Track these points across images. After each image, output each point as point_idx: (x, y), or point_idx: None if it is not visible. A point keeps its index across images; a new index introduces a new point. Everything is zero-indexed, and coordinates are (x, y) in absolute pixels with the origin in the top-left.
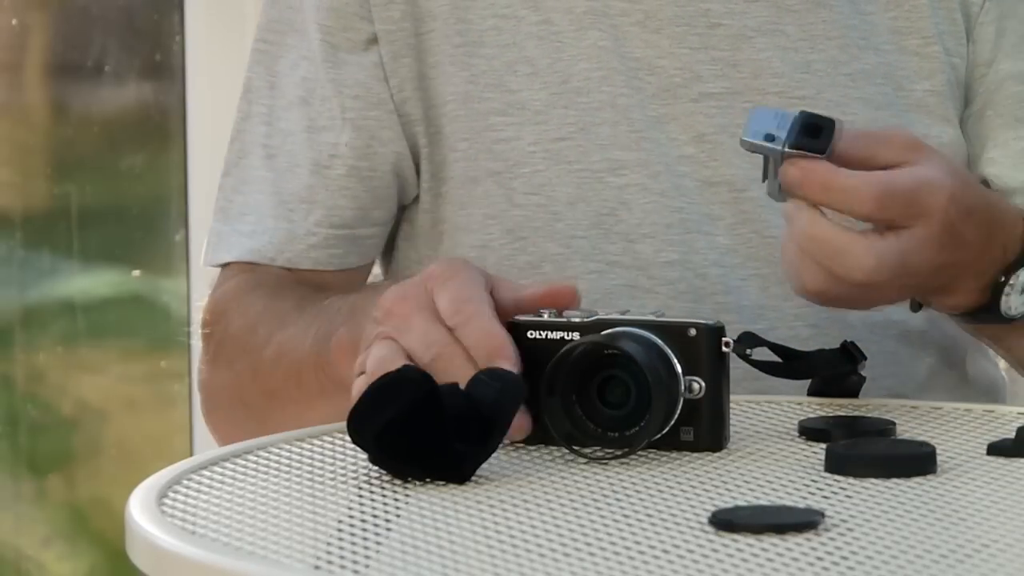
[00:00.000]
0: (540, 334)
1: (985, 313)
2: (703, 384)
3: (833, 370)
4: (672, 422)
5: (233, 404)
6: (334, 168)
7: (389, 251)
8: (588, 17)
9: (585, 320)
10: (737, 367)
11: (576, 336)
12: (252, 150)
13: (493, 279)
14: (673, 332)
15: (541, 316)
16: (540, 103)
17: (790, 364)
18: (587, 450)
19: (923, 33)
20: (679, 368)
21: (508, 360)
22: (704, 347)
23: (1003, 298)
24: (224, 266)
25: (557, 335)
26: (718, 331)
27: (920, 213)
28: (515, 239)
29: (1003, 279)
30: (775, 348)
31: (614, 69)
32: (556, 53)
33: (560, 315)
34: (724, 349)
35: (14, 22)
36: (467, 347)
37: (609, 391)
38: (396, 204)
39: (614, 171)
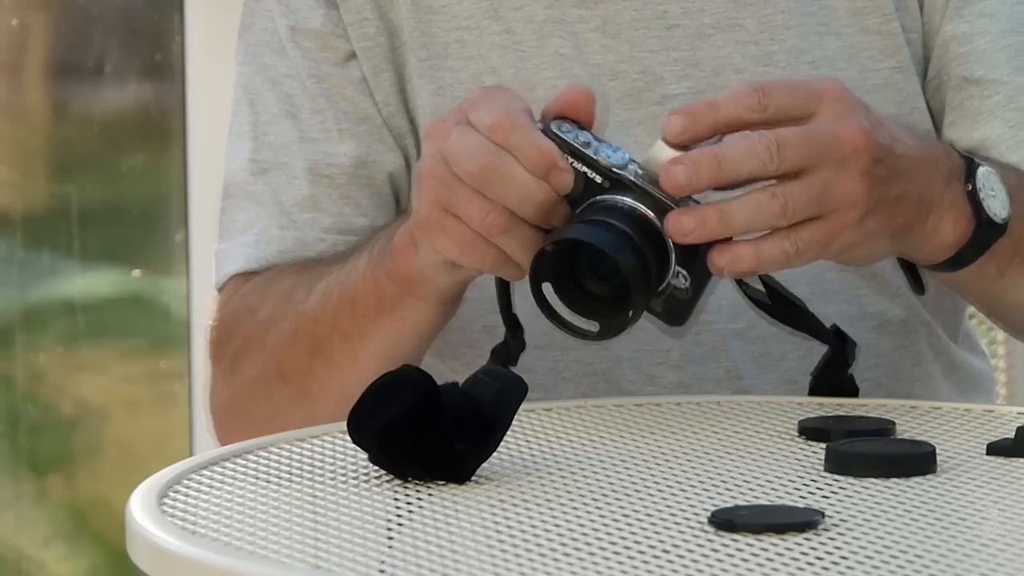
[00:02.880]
0: (567, 160)
1: (983, 236)
2: (688, 281)
3: (819, 337)
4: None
5: (269, 390)
6: (335, 177)
7: None
8: (548, 25)
9: (613, 171)
10: (730, 367)
11: (598, 179)
12: (243, 166)
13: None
14: None
15: (576, 141)
16: None
17: (777, 306)
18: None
19: (883, 11)
20: (673, 258)
21: (564, 171)
22: (704, 253)
23: (984, 205)
24: (226, 284)
25: (583, 168)
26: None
27: (814, 95)
28: None
29: (970, 187)
30: (768, 284)
31: (577, 76)
32: (520, 63)
33: (591, 146)
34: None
35: (14, 22)
36: (516, 157)
37: (598, 272)
38: (393, 213)
39: None
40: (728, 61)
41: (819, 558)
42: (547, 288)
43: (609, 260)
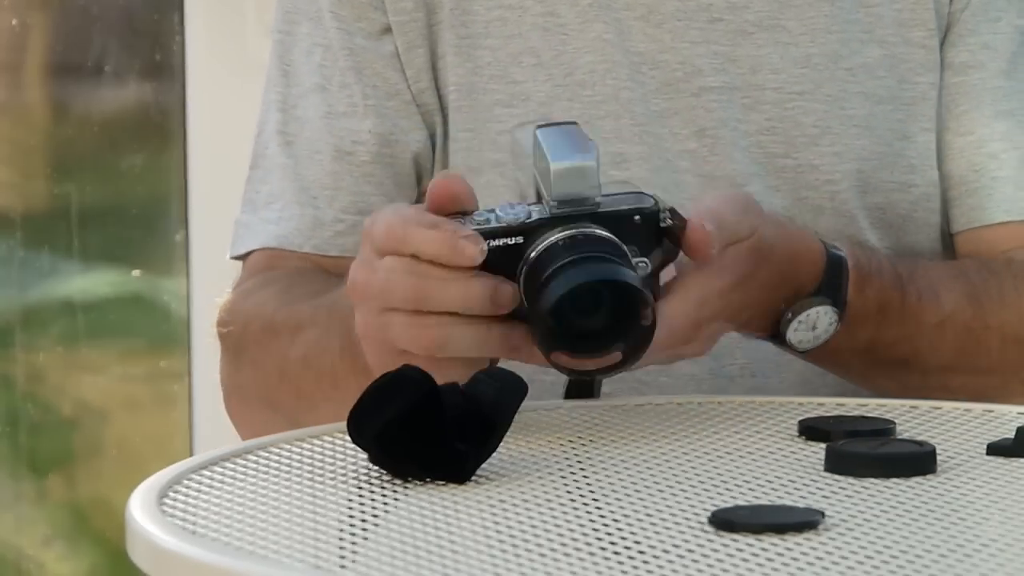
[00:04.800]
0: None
1: (780, 343)
2: (648, 265)
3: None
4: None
5: (260, 404)
6: (358, 155)
7: None
8: (593, 10)
9: (527, 222)
10: (744, 364)
11: (520, 240)
12: (272, 138)
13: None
14: (617, 219)
15: (474, 222)
16: (544, 95)
17: None
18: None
19: (927, 25)
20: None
21: (474, 245)
22: (647, 231)
23: (790, 332)
24: (246, 257)
25: (500, 242)
26: (655, 213)
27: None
28: None
29: (789, 315)
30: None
31: (617, 63)
32: (561, 45)
33: (490, 220)
34: (663, 225)
35: (14, 22)
36: (422, 255)
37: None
38: (416, 193)
39: (617, 164)
40: (766, 60)
41: (819, 558)
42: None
43: (592, 292)
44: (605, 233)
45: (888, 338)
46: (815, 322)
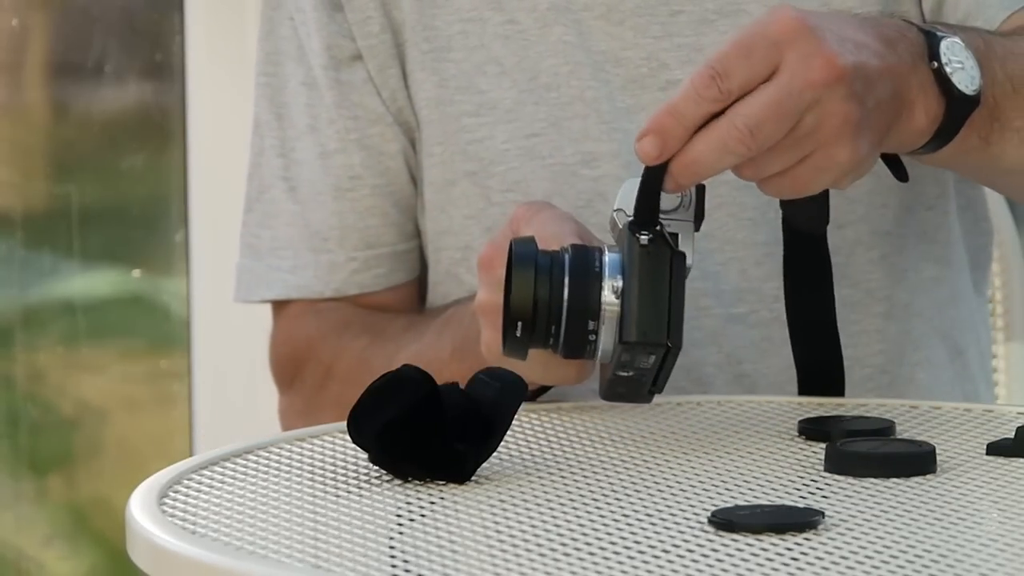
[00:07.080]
0: None
1: (956, 111)
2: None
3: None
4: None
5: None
6: (357, 190)
7: None
8: (552, 14)
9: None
10: (731, 352)
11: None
12: (273, 183)
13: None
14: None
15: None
16: (510, 101)
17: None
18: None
19: None
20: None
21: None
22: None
23: (953, 80)
24: (275, 303)
25: None
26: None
27: (772, 49)
28: None
29: (935, 65)
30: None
31: (580, 63)
32: (523, 51)
33: None
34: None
35: (14, 22)
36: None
37: None
38: (415, 204)
39: (587, 163)
40: None
41: (819, 558)
42: None
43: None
44: (596, 247)
45: (1006, 84)
46: (959, 56)
